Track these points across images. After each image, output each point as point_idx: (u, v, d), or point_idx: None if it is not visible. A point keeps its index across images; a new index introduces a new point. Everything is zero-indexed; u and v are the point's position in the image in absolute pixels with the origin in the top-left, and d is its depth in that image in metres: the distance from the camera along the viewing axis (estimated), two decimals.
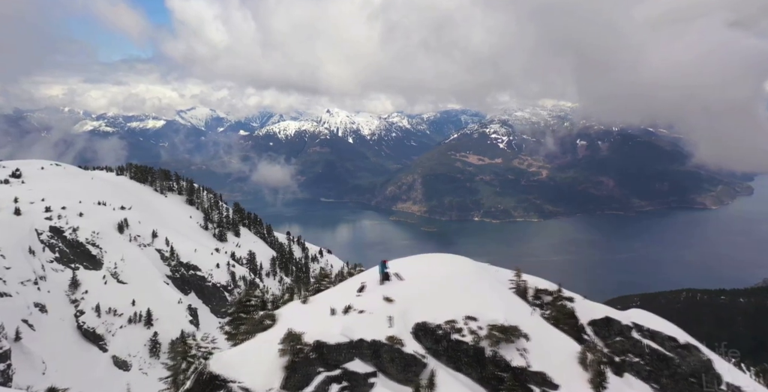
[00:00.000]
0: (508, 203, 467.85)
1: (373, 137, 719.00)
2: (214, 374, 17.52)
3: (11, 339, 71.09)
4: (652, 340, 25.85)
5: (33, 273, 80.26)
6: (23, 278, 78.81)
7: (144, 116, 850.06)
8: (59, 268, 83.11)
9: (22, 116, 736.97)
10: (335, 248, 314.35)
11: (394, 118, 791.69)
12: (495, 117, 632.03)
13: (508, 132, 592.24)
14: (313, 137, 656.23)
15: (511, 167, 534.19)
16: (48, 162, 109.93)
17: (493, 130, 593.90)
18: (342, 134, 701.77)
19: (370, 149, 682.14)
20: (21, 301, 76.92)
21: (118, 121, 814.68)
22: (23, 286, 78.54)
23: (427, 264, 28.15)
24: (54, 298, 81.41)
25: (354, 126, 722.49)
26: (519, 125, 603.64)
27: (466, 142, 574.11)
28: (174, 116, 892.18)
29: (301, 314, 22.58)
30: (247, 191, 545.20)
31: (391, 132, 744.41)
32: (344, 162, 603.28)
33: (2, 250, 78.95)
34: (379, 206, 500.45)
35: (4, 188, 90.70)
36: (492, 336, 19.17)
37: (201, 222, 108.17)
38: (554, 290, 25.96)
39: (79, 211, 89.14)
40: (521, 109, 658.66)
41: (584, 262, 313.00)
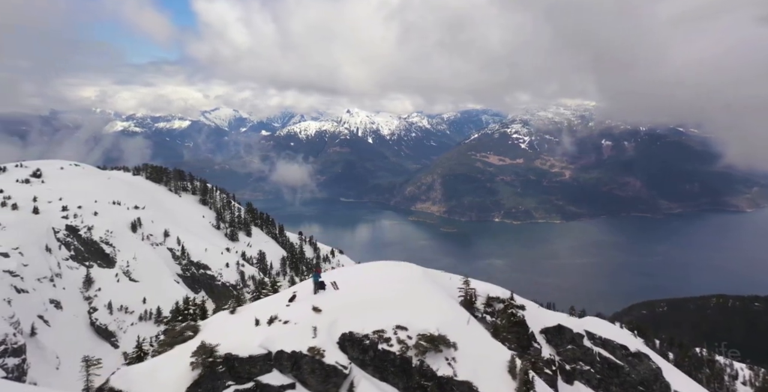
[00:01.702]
0: (529, 204, 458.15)
1: (393, 137, 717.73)
2: (115, 389, 16.96)
3: (27, 334, 73.05)
4: (604, 348, 26.34)
5: (49, 271, 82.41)
6: (40, 275, 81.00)
7: (170, 117, 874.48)
8: (74, 266, 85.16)
9: (56, 117, 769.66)
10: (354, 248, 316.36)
11: (413, 118, 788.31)
12: (516, 117, 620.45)
13: (529, 132, 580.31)
14: (333, 137, 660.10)
15: (533, 167, 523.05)
16: (67, 162, 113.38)
17: (514, 130, 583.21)
18: (362, 134, 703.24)
19: (390, 149, 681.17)
20: (37, 297, 79.10)
21: (146, 121, 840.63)
22: (40, 283, 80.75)
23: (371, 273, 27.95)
24: (69, 295, 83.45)
25: (374, 126, 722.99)
26: (541, 125, 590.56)
27: (487, 142, 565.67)
28: (199, 116, 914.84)
29: (226, 325, 22.08)
30: (268, 191, 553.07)
31: (410, 132, 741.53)
32: (364, 162, 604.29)
33: (21, 248, 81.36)
34: (398, 206, 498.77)
35: (25, 187, 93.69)
36: (419, 345, 19.13)
37: (213, 222, 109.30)
38: (506, 299, 25.39)
39: (95, 210, 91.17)
40: (543, 108, 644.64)
41: (608, 265, 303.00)
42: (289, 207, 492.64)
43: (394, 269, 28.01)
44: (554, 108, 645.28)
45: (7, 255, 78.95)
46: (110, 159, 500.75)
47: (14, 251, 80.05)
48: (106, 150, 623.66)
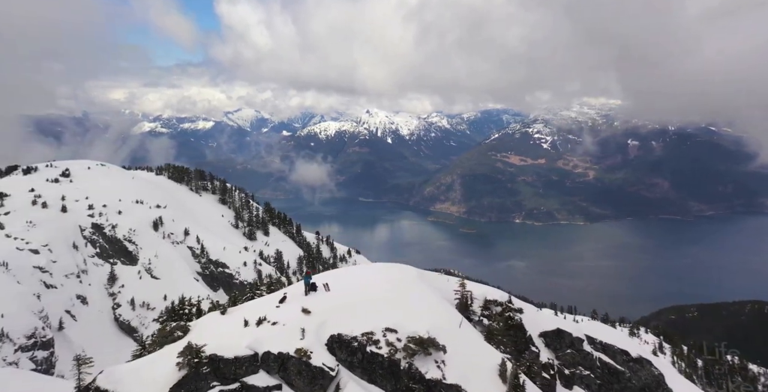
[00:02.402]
0: (551, 205, 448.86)
1: (412, 137, 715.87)
2: (101, 389, 17.06)
3: (55, 328, 75.76)
4: (604, 353, 25.80)
5: (76, 267, 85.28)
6: (67, 271, 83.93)
7: (195, 118, 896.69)
8: (99, 263, 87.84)
9: (88, 118, 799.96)
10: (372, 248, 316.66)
11: (433, 118, 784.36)
12: (538, 116, 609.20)
13: (552, 132, 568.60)
14: (352, 137, 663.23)
15: (555, 167, 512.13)
16: (94, 162, 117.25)
17: (536, 130, 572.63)
18: (381, 134, 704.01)
19: (409, 149, 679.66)
20: (65, 293, 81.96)
21: (171, 122, 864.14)
22: (67, 279, 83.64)
23: (365, 275, 27.92)
24: (94, 291, 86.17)
25: (393, 126, 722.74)
26: (563, 125, 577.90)
27: (508, 142, 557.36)
28: (222, 117, 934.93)
29: (216, 325, 22.12)
30: (288, 191, 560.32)
31: (430, 132, 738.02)
32: (383, 162, 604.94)
33: (50, 245, 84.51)
34: (417, 207, 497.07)
35: (54, 186, 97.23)
36: (408, 348, 19.08)
37: (232, 221, 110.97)
38: (503, 302, 25.15)
39: (119, 209, 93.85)
40: (566, 108, 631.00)
41: (634, 268, 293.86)
42: (309, 207, 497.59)
43: (388, 271, 27.88)
44: (577, 107, 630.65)
45: (37, 252, 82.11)
46: (137, 159, 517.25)
47: (44, 248, 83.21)
48: (133, 150, 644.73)
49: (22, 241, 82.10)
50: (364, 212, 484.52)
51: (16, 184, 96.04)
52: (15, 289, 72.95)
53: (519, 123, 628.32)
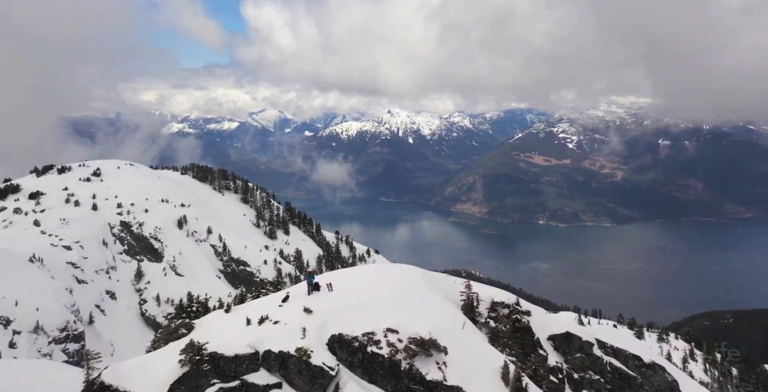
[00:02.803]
0: (576, 206, 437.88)
1: (434, 137, 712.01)
2: (105, 384, 17.39)
3: (85, 322, 78.73)
4: (615, 358, 25.11)
5: (105, 263, 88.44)
6: (97, 267, 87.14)
7: (221, 118, 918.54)
8: (127, 259, 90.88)
9: (120, 119, 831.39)
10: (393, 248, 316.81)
11: (455, 117, 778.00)
12: (564, 115, 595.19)
13: (577, 131, 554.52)
14: (373, 137, 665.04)
15: (581, 168, 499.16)
16: (124, 162, 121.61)
17: (561, 129, 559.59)
18: (402, 134, 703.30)
19: (430, 149, 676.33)
20: (95, 288, 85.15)
21: (198, 123, 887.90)
22: (97, 275, 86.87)
23: (369, 275, 27.97)
24: (122, 287, 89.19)
25: (414, 126, 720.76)
26: (590, 124, 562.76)
27: (532, 141, 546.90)
28: (246, 117, 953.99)
29: (220, 323, 22.35)
30: (310, 190, 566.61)
31: (452, 132, 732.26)
32: (404, 162, 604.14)
33: (81, 241, 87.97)
34: (438, 207, 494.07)
35: (86, 185, 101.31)
36: (408, 349, 19.03)
37: (253, 220, 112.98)
38: (511, 304, 24.89)
39: (145, 207, 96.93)
40: (593, 106, 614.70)
41: (665, 272, 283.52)
42: (329, 207, 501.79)
43: (392, 271, 28.16)
44: (605, 106, 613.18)
45: (70, 248, 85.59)
46: (165, 158, 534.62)
47: (76, 245, 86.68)
48: (161, 150, 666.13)
49: (56, 238, 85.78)
50: (385, 212, 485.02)
51: (51, 183, 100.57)
52: (50, 284, 76.14)
53: (543, 122, 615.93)
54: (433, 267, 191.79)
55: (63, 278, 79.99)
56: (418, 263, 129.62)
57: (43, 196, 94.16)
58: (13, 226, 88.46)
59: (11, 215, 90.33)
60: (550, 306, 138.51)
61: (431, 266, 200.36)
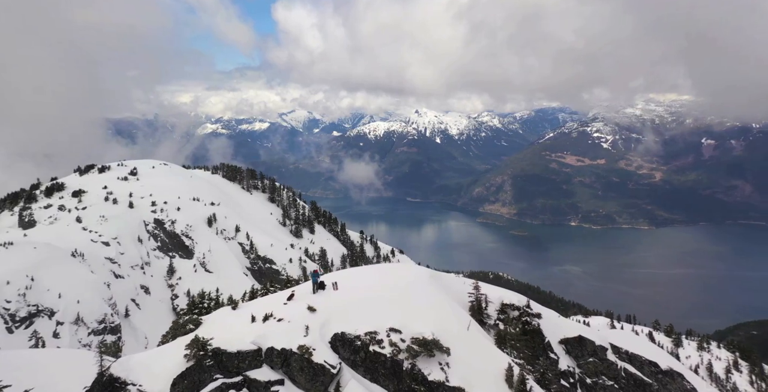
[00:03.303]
0: (611, 208, 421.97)
1: (461, 137, 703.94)
2: (114, 376, 17.99)
3: (122, 315, 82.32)
4: (630, 363, 24.55)
5: (140, 259, 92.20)
6: (133, 263, 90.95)
7: (252, 119, 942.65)
8: (160, 256, 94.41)
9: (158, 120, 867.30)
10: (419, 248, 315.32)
11: (483, 117, 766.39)
12: (598, 114, 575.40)
13: (613, 130, 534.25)
14: (401, 137, 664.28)
15: (616, 168, 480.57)
16: (158, 162, 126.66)
17: (595, 128, 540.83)
18: (429, 134, 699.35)
19: (458, 149, 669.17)
20: (131, 283, 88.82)
21: (231, 124, 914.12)
22: (133, 270, 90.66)
23: (376, 275, 28.08)
24: (155, 282, 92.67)
25: (442, 126, 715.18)
26: (627, 123, 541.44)
27: (564, 141, 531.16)
28: (276, 118, 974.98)
29: (226, 320, 22.73)
30: (337, 190, 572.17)
31: (480, 131, 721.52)
32: (431, 162, 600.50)
33: (118, 238, 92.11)
34: (465, 207, 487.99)
35: (123, 184, 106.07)
36: (411, 349, 18.99)
37: (280, 219, 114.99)
38: (521, 306, 24.46)
39: (178, 206, 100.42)
40: (630, 105, 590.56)
41: (708, 278, 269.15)
42: (356, 206, 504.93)
43: (399, 271, 28.29)
44: (642, 104, 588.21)
45: (108, 244, 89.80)
46: (198, 158, 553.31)
47: (113, 241, 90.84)
48: (194, 150, 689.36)
49: (95, 234, 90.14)
50: (411, 212, 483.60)
51: (92, 181, 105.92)
52: (90, 278, 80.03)
53: (576, 122, 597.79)
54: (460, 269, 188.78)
55: (102, 273, 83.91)
56: (444, 264, 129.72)
57: (85, 194, 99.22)
58: (58, 222, 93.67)
59: (56, 211, 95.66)
60: (582, 310, 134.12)
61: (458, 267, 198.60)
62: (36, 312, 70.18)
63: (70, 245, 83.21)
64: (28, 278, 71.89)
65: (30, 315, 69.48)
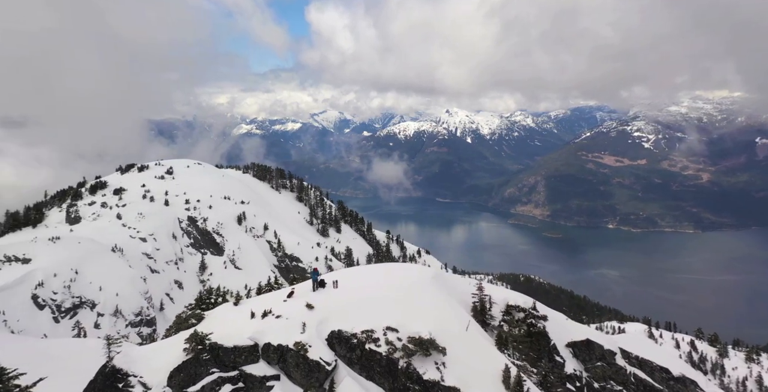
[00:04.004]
0: (652, 210, 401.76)
1: (493, 137, 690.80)
2: (116, 368, 18.58)
3: (157, 308, 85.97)
4: (640, 369, 23.79)
5: (174, 255, 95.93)
6: (168, 258, 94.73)
7: (285, 120, 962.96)
8: (192, 252, 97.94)
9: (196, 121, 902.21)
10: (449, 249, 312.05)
11: (516, 116, 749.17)
12: (639, 113, 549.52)
13: (655, 130, 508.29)
14: (431, 137, 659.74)
15: (659, 169, 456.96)
16: (193, 161, 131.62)
17: (635, 127, 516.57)
18: (460, 133, 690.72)
19: (489, 149, 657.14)
20: (166, 278, 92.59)
21: (265, 124, 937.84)
22: (167, 265, 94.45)
23: (378, 274, 28.26)
24: (188, 277, 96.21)
25: (473, 126, 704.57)
26: (671, 121, 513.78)
27: (602, 141, 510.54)
28: (308, 118, 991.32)
29: (227, 315, 23.16)
30: (367, 190, 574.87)
31: (512, 131, 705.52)
32: (462, 162, 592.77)
33: (155, 234, 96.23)
34: (496, 208, 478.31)
35: (160, 182, 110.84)
36: (406, 348, 19.16)
37: (307, 218, 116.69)
38: (526, 308, 24.14)
39: (210, 204, 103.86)
40: (675, 103, 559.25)
41: (760, 285, 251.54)
42: (385, 206, 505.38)
43: (403, 271, 28.18)
44: (688, 102, 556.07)
45: (145, 240, 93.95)
46: (232, 157, 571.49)
47: (150, 237, 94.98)
48: (229, 150, 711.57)
49: (134, 230, 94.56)
50: (441, 212, 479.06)
51: (132, 180, 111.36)
52: (128, 272, 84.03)
53: (615, 121, 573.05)
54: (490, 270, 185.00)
55: (139, 268, 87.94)
56: (473, 266, 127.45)
57: (125, 192, 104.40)
58: (101, 218, 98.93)
59: (99, 208, 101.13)
60: (617, 315, 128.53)
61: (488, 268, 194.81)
62: (79, 304, 74.13)
63: (110, 240, 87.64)
64: (73, 271, 76.06)
65: (74, 306, 73.42)
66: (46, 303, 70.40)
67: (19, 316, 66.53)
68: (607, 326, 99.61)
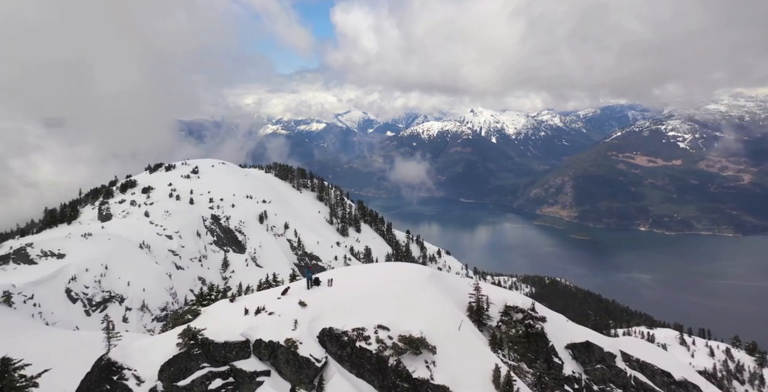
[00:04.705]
0: (687, 212, 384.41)
1: (519, 137, 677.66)
2: (111, 360, 19.10)
3: (181, 303, 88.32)
4: (641, 372, 23.65)
5: (198, 252, 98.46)
6: (192, 255, 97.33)
7: (309, 120, 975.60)
8: (216, 249, 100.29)
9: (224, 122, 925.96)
10: (473, 250, 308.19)
11: (543, 116, 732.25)
12: (674, 111, 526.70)
13: (691, 128, 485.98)
14: (455, 136, 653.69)
15: (695, 169, 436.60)
16: (217, 161, 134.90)
17: (670, 126, 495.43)
18: (485, 133, 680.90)
19: (515, 149, 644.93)
20: (190, 274, 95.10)
21: (290, 125, 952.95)
22: (192, 262, 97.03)
23: (374, 273, 28.43)
24: (211, 274, 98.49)
25: (498, 125, 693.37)
26: (709, 120, 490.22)
27: (633, 141, 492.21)
28: (332, 119, 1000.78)
29: (222, 312, 23.56)
30: (390, 190, 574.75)
31: (539, 131, 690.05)
32: (486, 162, 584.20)
33: (180, 232, 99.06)
34: (521, 209, 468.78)
35: (185, 181, 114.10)
36: (396, 346, 19.35)
37: (327, 217, 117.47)
38: (525, 308, 24.07)
39: (232, 203, 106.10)
40: (713, 100, 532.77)
41: None
42: (408, 206, 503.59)
43: (399, 270, 28.14)
44: (728, 99, 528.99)
45: (171, 237, 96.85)
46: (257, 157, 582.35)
47: (176, 235, 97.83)
48: (255, 149, 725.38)
49: (160, 227, 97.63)
50: (465, 212, 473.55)
51: (159, 179, 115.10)
52: (155, 268, 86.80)
53: (648, 120, 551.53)
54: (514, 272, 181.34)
55: (165, 264, 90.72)
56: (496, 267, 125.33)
57: (153, 190, 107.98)
58: (130, 216, 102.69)
59: (129, 206, 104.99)
60: (647, 320, 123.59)
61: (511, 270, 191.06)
62: (109, 298, 76.97)
63: (138, 237, 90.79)
64: (103, 266, 79.14)
65: (104, 300, 76.30)
66: (78, 296, 73.36)
67: (54, 309, 69.52)
68: (635, 331, 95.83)
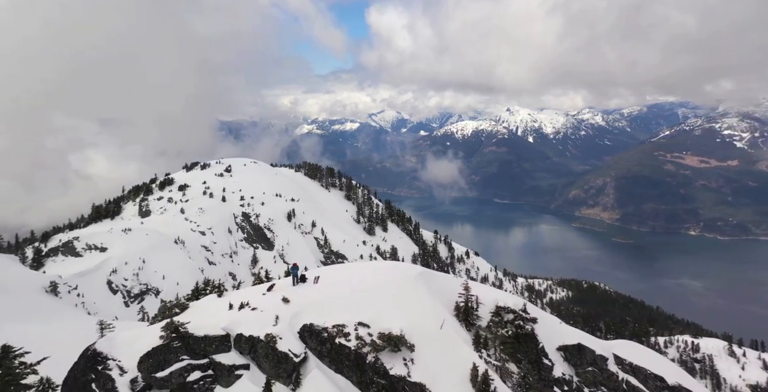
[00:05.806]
0: (744, 216, 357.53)
1: (557, 136, 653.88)
2: (97, 351, 19.61)
3: None
4: (634, 376, 23.83)
5: (229, 249, 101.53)
6: (224, 251, 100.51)
7: (344, 120, 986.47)
8: (245, 246, 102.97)
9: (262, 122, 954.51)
10: (507, 252, 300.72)
11: (584, 114, 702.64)
12: (730, 109, 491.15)
13: (750, 127, 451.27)
14: (490, 136, 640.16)
15: (754, 170, 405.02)
16: (250, 160, 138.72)
17: (725, 125, 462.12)
18: (522, 132, 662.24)
19: (553, 149, 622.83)
20: (221, 269, 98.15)
21: (325, 124, 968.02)
22: (223, 258, 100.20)
23: (362, 271, 28.65)
24: (241, 270, 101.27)
25: (535, 124, 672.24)
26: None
27: (683, 140, 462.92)
28: (366, 118, 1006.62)
29: (209, 306, 23.87)
30: (423, 189, 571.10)
31: (579, 130, 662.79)
32: (522, 162, 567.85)
33: (213, 228, 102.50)
34: (559, 211, 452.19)
35: (219, 179, 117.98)
36: (375, 343, 19.71)
37: (354, 216, 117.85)
38: (517, 309, 24.05)
39: (262, 201, 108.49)
40: None
41: None
42: (441, 206, 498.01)
43: (387, 268, 28.58)
44: None
45: (204, 234, 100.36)
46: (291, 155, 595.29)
47: (208, 231, 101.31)
48: (289, 148, 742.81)
49: (194, 224, 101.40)
50: (500, 213, 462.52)
51: (194, 177, 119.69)
52: (188, 263, 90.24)
53: (701, 118, 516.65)
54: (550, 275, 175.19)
55: (198, 259, 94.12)
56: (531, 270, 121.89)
57: (188, 188, 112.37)
58: (167, 212, 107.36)
59: (166, 203, 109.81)
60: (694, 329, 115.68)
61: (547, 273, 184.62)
62: (146, 290, 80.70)
63: (174, 233, 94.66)
64: (141, 260, 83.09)
65: (141, 292, 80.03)
66: (118, 288, 77.34)
67: (96, 299, 73.62)
68: (678, 340, 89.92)
